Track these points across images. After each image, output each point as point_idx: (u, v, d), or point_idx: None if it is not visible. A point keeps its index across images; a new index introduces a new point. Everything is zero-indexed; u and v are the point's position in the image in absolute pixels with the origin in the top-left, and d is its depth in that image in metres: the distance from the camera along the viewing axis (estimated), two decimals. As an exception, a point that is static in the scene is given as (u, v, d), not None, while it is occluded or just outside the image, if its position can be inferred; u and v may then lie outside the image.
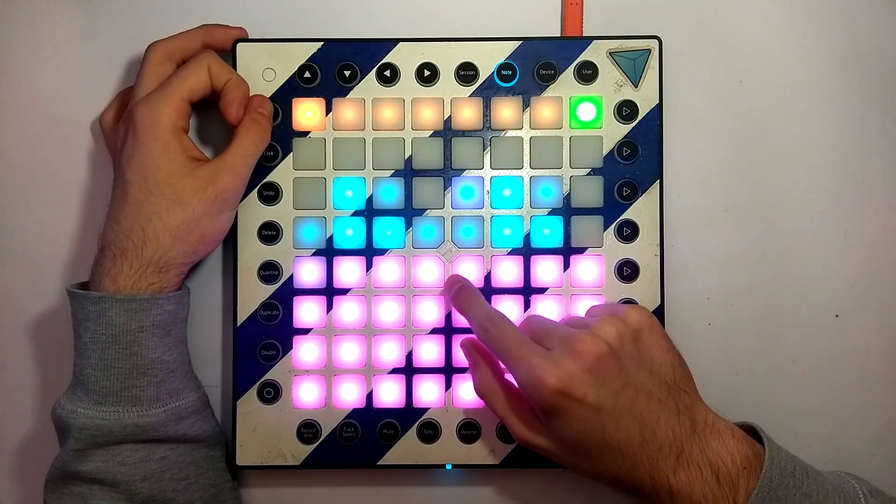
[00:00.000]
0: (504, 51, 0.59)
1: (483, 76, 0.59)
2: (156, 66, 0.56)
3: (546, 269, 0.59)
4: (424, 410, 0.59)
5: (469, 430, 0.59)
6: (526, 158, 0.59)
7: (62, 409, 0.54)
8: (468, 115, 0.59)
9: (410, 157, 0.59)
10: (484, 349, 0.57)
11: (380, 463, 0.59)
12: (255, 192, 0.59)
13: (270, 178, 0.59)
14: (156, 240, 0.54)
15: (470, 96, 0.59)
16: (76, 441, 0.53)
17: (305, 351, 0.59)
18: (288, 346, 0.59)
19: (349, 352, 0.59)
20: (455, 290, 0.57)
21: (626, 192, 0.59)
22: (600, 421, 0.50)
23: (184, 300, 0.57)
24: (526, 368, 0.51)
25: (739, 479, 0.49)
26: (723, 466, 0.49)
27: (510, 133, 0.60)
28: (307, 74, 0.59)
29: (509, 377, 0.56)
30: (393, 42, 0.59)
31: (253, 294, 0.59)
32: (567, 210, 0.59)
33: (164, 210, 0.54)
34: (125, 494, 0.54)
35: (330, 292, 0.59)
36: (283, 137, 0.59)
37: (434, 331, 0.59)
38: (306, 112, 0.59)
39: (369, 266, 0.59)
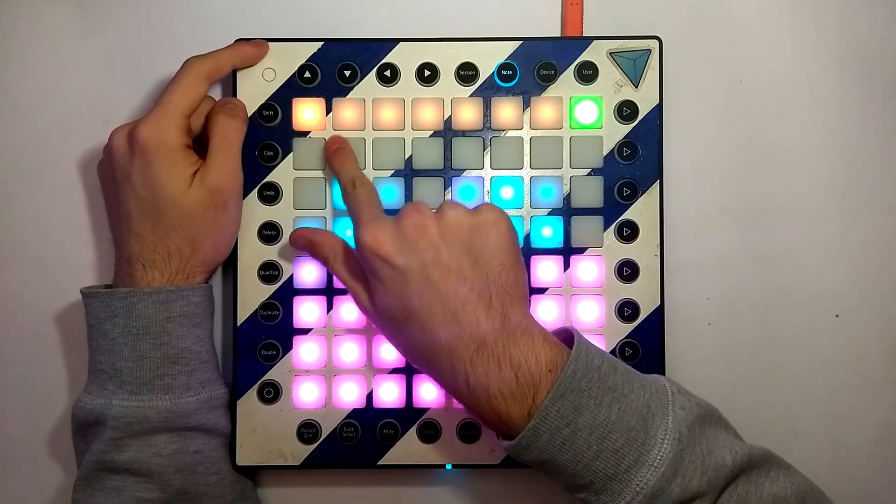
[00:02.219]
0: (504, 51, 0.59)
1: (483, 76, 0.59)
2: (191, 86, 0.56)
3: (546, 270, 0.59)
4: (424, 410, 0.59)
5: (469, 430, 0.59)
6: (526, 158, 0.59)
7: (92, 405, 0.54)
8: (468, 115, 0.59)
9: (410, 157, 0.59)
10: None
11: (380, 463, 0.59)
12: (255, 192, 0.59)
13: (270, 178, 0.59)
14: (178, 252, 0.55)
15: (470, 96, 0.59)
16: (112, 430, 0.54)
17: (305, 351, 0.59)
18: (288, 346, 0.59)
19: (349, 352, 0.59)
20: (333, 149, 0.58)
21: (626, 192, 0.59)
22: (405, 287, 0.51)
23: (210, 294, 0.58)
24: (358, 229, 0.53)
25: (542, 379, 0.49)
26: (524, 365, 0.49)
27: (510, 133, 0.60)
28: (307, 74, 0.59)
29: None
30: (393, 42, 0.59)
31: (253, 294, 0.59)
32: (567, 210, 0.59)
33: (177, 226, 0.55)
34: (158, 485, 0.54)
35: (330, 292, 0.59)
36: (284, 137, 0.59)
37: (434, 331, 0.59)
38: (306, 112, 0.59)
39: (369, 266, 0.59)
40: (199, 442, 0.56)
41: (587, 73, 0.59)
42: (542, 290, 0.59)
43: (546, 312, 0.59)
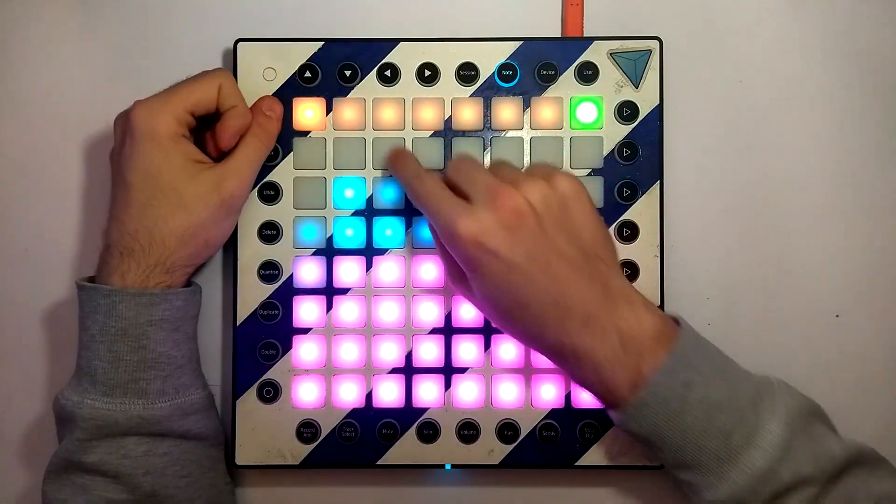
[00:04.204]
0: (505, 51, 0.59)
1: (484, 76, 0.59)
2: (203, 87, 0.55)
3: (546, 270, 0.59)
4: (424, 410, 0.59)
5: (469, 430, 0.59)
6: (526, 159, 0.59)
7: (66, 400, 0.54)
8: (469, 115, 0.59)
9: (411, 156, 0.59)
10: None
11: (379, 463, 0.59)
12: (255, 192, 0.59)
13: (271, 177, 0.59)
14: (161, 242, 0.54)
15: (470, 96, 0.60)
16: (81, 431, 0.53)
17: (305, 350, 0.59)
18: (287, 346, 0.59)
19: (349, 351, 0.59)
20: (391, 155, 0.57)
21: (626, 192, 0.59)
22: (513, 278, 0.50)
23: (194, 297, 0.57)
24: (444, 221, 0.51)
25: (646, 346, 0.50)
26: (628, 332, 0.50)
27: (510, 133, 0.60)
28: (308, 74, 0.59)
29: None
30: (394, 42, 0.60)
31: (253, 293, 0.59)
32: (567, 210, 0.59)
33: (168, 214, 0.54)
34: (127, 487, 0.54)
35: (330, 292, 0.59)
36: (284, 137, 0.59)
37: (434, 331, 0.59)
38: (307, 112, 0.59)
39: (369, 266, 0.59)
40: (170, 444, 0.55)
41: (587, 74, 0.59)
42: (542, 290, 0.59)
43: (546, 312, 0.59)
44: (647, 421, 0.50)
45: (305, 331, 0.59)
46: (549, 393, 0.59)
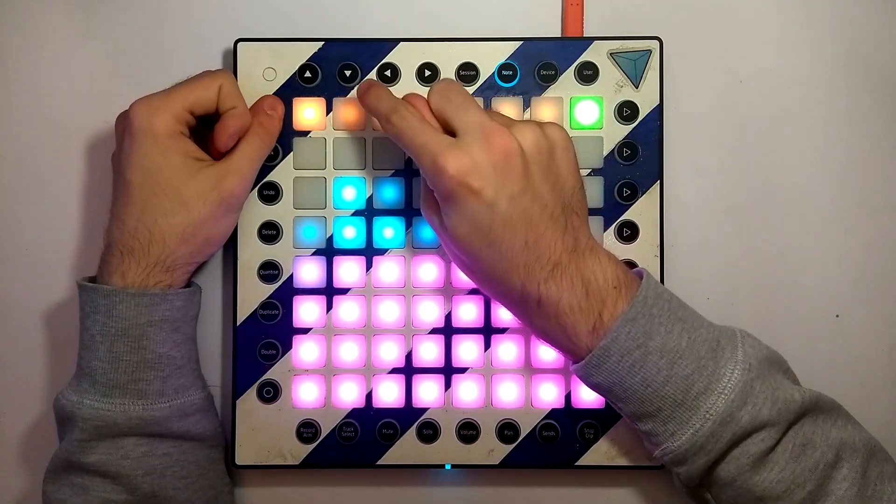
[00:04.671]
0: (505, 51, 0.59)
1: (484, 76, 0.59)
2: (203, 87, 0.55)
3: (546, 270, 0.59)
4: (424, 410, 0.59)
5: (468, 430, 0.59)
6: (526, 158, 0.59)
7: (66, 401, 0.54)
8: (468, 115, 0.59)
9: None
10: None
11: (379, 463, 0.59)
12: (255, 192, 0.59)
13: (271, 177, 0.59)
14: (161, 240, 0.54)
15: (470, 96, 0.60)
16: (81, 432, 0.53)
17: (305, 350, 0.59)
18: (287, 346, 0.59)
19: (349, 351, 0.59)
20: (362, 90, 0.56)
21: (626, 192, 0.59)
22: (491, 219, 0.50)
23: (194, 298, 0.57)
24: (430, 156, 0.51)
25: (608, 295, 0.51)
26: (594, 282, 0.51)
27: (510, 133, 0.60)
28: (308, 74, 0.59)
29: None
30: (394, 42, 0.60)
31: (253, 293, 0.59)
32: (567, 210, 0.59)
33: (168, 212, 0.54)
34: (126, 488, 0.54)
35: (330, 292, 0.59)
36: (284, 137, 0.59)
37: (434, 331, 0.59)
38: (307, 112, 0.59)
39: (369, 266, 0.59)
40: (169, 445, 0.55)
41: (587, 74, 0.59)
42: (541, 290, 0.59)
43: (546, 312, 0.59)
44: (609, 370, 0.51)
45: (305, 331, 0.59)
46: (549, 393, 0.59)
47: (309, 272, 0.59)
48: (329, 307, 0.59)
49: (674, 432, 0.51)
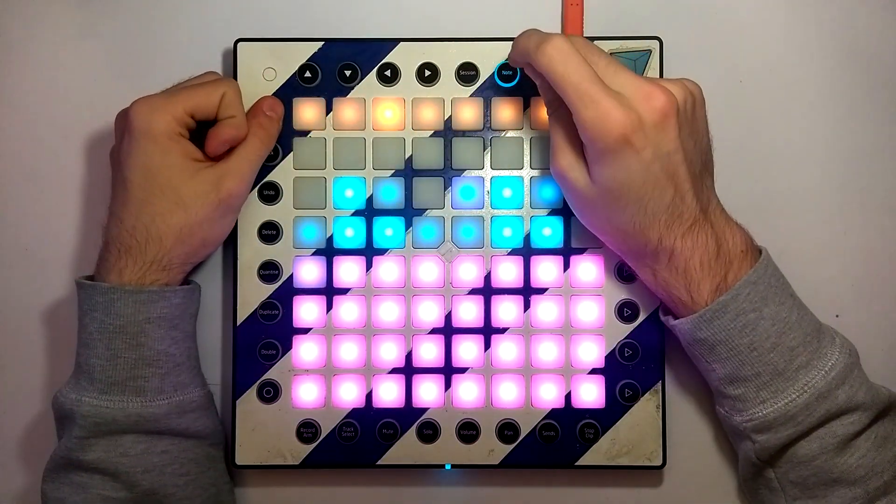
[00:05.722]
0: (505, 51, 0.59)
1: (483, 76, 0.59)
2: (205, 91, 0.55)
3: (546, 270, 0.59)
4: (424, 410, 0.59)
5: (468, 430, 0.59)
6: (526, 159, 0.59)
7: (65, 398, 0.54)
8: (468, 115, 0.59)
9: (411, 156, 0.59)
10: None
11: (379, 463, 0.59)
12: (255, 192, 0.59)
13: (271, 177, 0.59)
14: (158, 240, 0.54)
15: (470, 96, 0.60)
16: (80, 429, 0.53)
17: (305, 350, 0.59)
18: (287, 346, 0.59)
19: (349, 351, 0.59)
20: (533, 39, 0.52)
21: (626, 192, 0.59)
22: (644, 175, 0.51)
23: (193, 295, 0.57)
24: (595, 109, 0.50)
25: (735, 258, 0.53)
26: (725, 243, 0.53)
27: (511, 133, 0.60)
28: (308, 74, 0.59)
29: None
30: (394, 42, 0.60)
31: (253, 293, 0.59)
32: (567, 210, 0.59)
33: (166, 211, 0.54)
34: (125, 485, 0.54)
35: (330, 292, 0.59)
36: (284, 137, 0.59)
37: (434, 331, 0.59)
38: (307, 111, 0.59)
39: (369, 266, 0.59)
40: (168, 442, 0.55)
41: (587, 74, 0.59)
42: (541, 291, 0.59)
43: (545, 312, 0.59)
44: (721, 327, 0.52)
45: (305, 331, 0.59)
46: (549, 393, 0.59)
47: (309, 272, 0.59)
48: (329, 307, 0.59)
49: (765, 400, 0.52)
